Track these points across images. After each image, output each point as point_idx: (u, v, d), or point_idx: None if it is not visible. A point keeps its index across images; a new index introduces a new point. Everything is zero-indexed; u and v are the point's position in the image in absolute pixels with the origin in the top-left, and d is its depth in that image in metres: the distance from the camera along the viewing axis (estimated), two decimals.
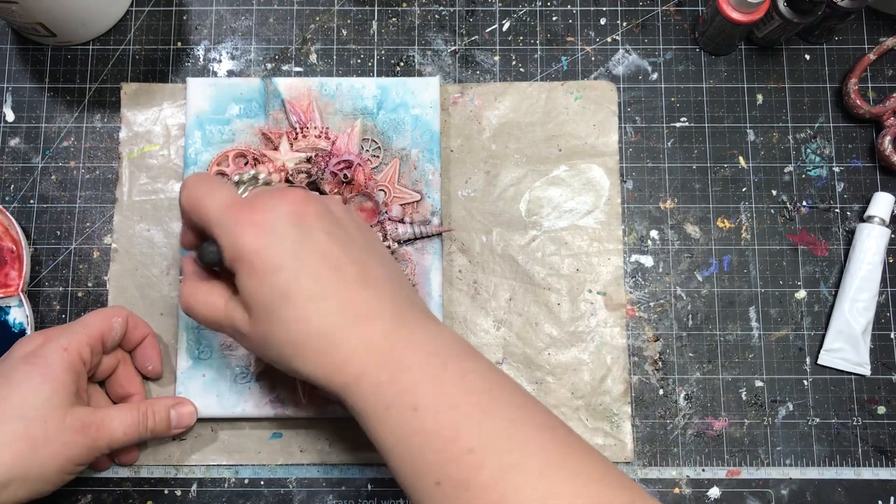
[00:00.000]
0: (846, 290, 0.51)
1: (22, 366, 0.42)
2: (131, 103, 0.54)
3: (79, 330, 0.44)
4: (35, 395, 0.41)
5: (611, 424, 0.50)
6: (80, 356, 0.43)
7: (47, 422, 0.41)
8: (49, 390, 0.41)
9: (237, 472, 0.50)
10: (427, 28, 0.55)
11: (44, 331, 0.44)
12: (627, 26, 0.55)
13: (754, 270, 0.52)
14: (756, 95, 0.55)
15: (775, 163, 0.54)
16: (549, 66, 0.55)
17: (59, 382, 0.42)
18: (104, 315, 0.46)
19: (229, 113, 0.52)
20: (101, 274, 0.52)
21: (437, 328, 0.39)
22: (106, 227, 0.53)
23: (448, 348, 0.37)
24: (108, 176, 0.53)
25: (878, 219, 0.51)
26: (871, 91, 0.55)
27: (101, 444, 0.43)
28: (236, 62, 0.55)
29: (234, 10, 0.56)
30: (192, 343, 0.49)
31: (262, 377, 0.49)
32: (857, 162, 0.54)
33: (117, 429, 0.44)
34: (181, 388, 0.49)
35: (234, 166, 0.51)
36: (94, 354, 0.45)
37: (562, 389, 0.50)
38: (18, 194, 0.53)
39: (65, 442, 0.41)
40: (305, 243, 0.37)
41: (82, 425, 0.42)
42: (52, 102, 0.54)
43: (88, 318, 0.46)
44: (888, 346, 0.52)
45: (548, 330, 0.51)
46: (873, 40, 0.55)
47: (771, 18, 0.51)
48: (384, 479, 0.50)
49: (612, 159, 0.53)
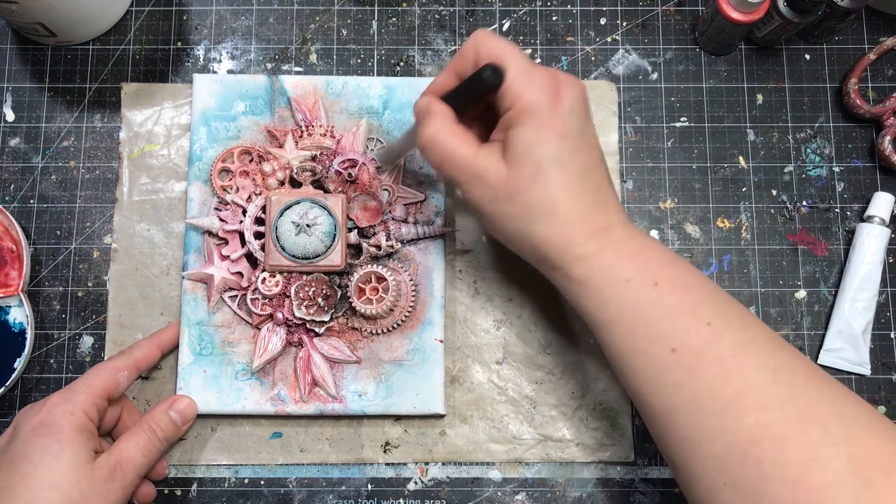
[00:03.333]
0: (846, 290, 0.51)
1: (35, 439, 0.42)
2: (131, 103, 0.54)
3: (81, 390, 0.44)
4: (59, 463, 0.41)
5: (611, 424, 0.50)
6: (88, 416, 0.43)
7: (79, 482, 0.41)
8: (70, 454, 0.41)
9: (237, 471, 0.50)
10: (427, 28, 0.55)
11: (44, 399, 0.44)
12: (627, 26, 0.55)
13: (754, 270, 0.52)
14: (756, 95, 0.55)
15: (775, 163, 0.54)
16: (549, 66, 0.55)
17: (76, 444, 0.42)
18: (108, 370, 0.46)
19: (235, 110, 0.52)
20: (101, 274, 0.52)
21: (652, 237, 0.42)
22: (106, 227, 0.53)
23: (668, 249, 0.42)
24: (108, 176, 0.53)
25: (878, 219, 0.51)
26: (871, 91, 0.55)
27: (130, 478, 0.43)
28: (236, 62, 0.55)
29: (234, 10, 0.56)
30: (193, 339, 0.49)
31: (262, 374, 0.49)
32: (857, 162, 0.54)
33: (136, 456, 0.44)
34: (182, 384, 0.49)
35: (239, 163, 0.51)
36: (100, 411, 0.45)
37: (562, 389, 0.50)
38: (18, 194, 0.53)
39: (101, 494, 0.42)
40: (584, 130, 0.40)
41: (109, 472, 0.42)
42: (52, 102, 0.54)
43: (91, 377, 0.45)
44: (888, 345, 0.52)
45: (548, 330, 0.51)
46: (873, 40, 0.55)
47: (771, 18, 0.51)
48: (384, 478, 0.50)
49: (612, 159, 0.53)
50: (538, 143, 0.39)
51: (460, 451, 0.50)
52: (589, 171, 0.40)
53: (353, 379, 0.49)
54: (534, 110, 0.39)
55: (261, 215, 0.50)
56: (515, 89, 0.39)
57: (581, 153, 0.40)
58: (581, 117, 0.40)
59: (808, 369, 0.36)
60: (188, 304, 0.50)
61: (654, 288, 0.38)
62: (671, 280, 0.38)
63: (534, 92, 0.39)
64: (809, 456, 0.33)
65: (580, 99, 0.40)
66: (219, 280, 0.49)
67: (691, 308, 0.38)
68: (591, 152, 0.41)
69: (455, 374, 0.50)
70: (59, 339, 0.51)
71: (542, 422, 0.50)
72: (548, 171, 0.39)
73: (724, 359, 0.36)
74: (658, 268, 0.39)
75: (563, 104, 0.39)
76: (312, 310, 0.49)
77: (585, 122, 0.41)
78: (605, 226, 0.40)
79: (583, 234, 0.39)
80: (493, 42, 0.40)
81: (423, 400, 0.49)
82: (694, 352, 0.36)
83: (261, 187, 0.51)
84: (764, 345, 0.37)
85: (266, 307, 0.49)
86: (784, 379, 0.35)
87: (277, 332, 0.49)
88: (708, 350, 0.36)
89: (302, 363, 0.49)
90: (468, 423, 0.50)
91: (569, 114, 0.39)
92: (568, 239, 0.39)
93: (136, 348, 0.48)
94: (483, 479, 0.50)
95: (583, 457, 0.49)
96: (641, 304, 0.38)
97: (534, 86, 0.39)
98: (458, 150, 0.41)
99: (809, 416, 0.34)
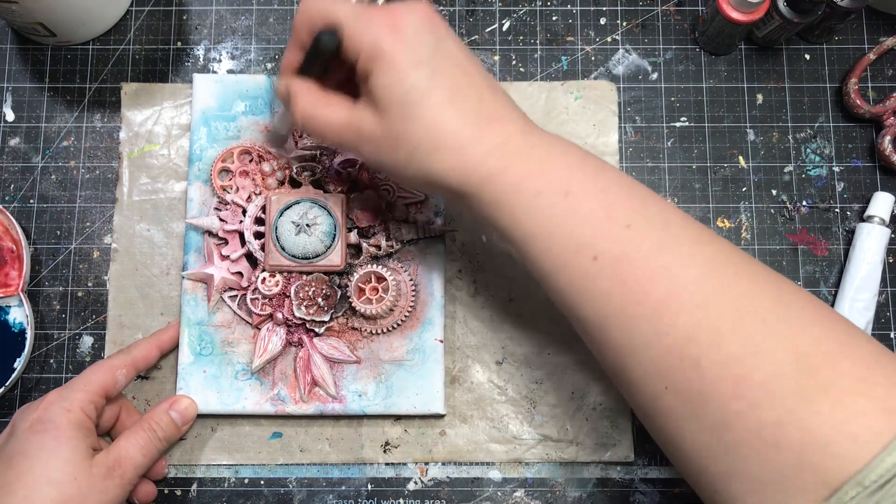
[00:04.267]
0: (846, 290, 0.51)
1: (32, 436, 0.42)
2: (131, 103, 0.54)
3: (79, 388, 0.44)
4: (56, 460, 0.41)
5: (611, 424, 0.50)
6: (85, 413, 0.43)
7: (77, 479, 0.41)
8: (67, 450, 0.41)
9: (237, 471, 0.50)
10: None
11: (42, 398, 0.44)
12: (627, 26, 0.56)
13: None
14: (756, 95, 0.55)
15: (775, 163, 0.54)
16: (549, 66, 0.55)
17: (74, 440, 0.42)
18: (107, 368, 0.46)
19: (235, 110, 0.52)
20: (101, 274, 0.52)
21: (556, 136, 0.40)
22: (106, 226, 0.53)
23: (577, 148, 0.39)
24: (108, 176, 0.53)
25: (878, 218, 0.52)
26: (871, 91, 0.55)
27: (129, 476, 0.43)
28: (236, 62, 0.55)
29: (234, 10, 0.56)
30: (193, 339, 0.49)
31: (262, 374, 0.49)
32: (857, 162, 0.54)
33: (136, 455, 0.44)
34: (182, 384, 0.49)
35: (239, 163, 0.51)
36: (97, 409, 0.45)
37: (562, 389, 0.50)
38: (18, 194, 0.53)
39: (100, 491, 0.41)
40: (439, 47, 0.38)
41: (107, 469, 0.42)
42: (52, 102, 0.54)
43: (89, 375, 0.45)
44: (888, 345, 0.52)
45: (548, 330, 0.51)
46: (873, 40, 0.55)
47: (771, 18, 0.51)
48: (384, 478, 0.50)
49: (612, 159, 0.53)
50: (393, 82, 0.37)
51: (460, 451, 0.50)
52: (461, 87, 0.38)
53: (353, 379, 0.49)
54: (377, 52, 0.37)
55: (261, 215, 0.50)
56: (354, 41, 0.38)
57: (444, 73, 0.37)
58: (431, 37, 0.38)
59: (740, 260, 0.35)
60: (188, 304, 0.50)
61: (565, 197, 0.36)
62: (583, 186, 0.37)
63: (370, 34, 0.37)
64: (748, 350, 0.32)
65: (423, 19, 0.38)
66: (219, 280, 0.49)
67: (607, 213, 0.36)
68: (457, 67, 0.38)
69: (455, 374, 0.51)
70: (59, 339, 0.51)
71: (542, 422, 0.50)
72: (414, 106, 0.37)
73: (649, 260, 0.35)
74: (568, 174, 0.37)
75: (404, 33, 0.37)
76: (312, 310, 0.49)
77: (441, 40, 0.38)
78: (502, 139, 0.38)
79: (478, 155, 0.37)
80: (320, 4, 0.39)
81: (423, 400, 0.49)
82: (616, 257, 0.35)
83: (261, 187, 0.51)
84: (690, 239, 0.35)
85: (266, 307, 0.49)
86: (715, 273, 0.34)
87: (277, 332, 0.49)
88: (630, 253, 0.35)
89: (302, 363, 0.49)
90: (468, 423, 0.50)
91: (414, 39, 0.37)
92: (464, 165, 0.37)
93: (135, 348, 0.48)
94: (483, 479, 0.50)
95: (583, 457, 0.49)
96: (556, 217, 0.36)
97: (369, 29, 0.38)
98: (332, 118, 0.40)
99: (745, 308, 0.33)
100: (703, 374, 0.32)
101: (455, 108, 0.37)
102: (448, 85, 0.37)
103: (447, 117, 0.37)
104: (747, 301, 0.33)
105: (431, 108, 0.37)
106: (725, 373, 0.32)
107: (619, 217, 0.36)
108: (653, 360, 0.34)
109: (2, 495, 0.40)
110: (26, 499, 0.40)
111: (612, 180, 0.37)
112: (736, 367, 0.32)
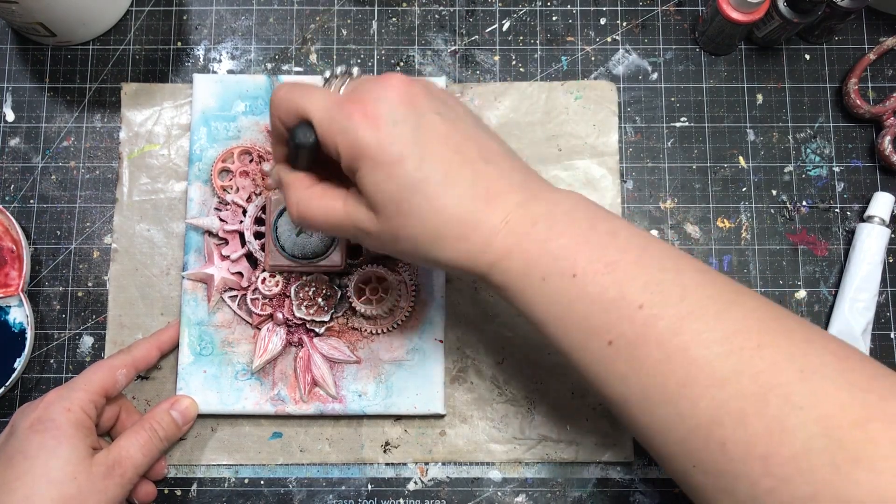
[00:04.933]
0: (846, 290, 0.51)
1: (32, 436, 0.42)
2: (131, 103, 0.54)
3: (78, 387, 0.44)
4: (56, 459, 0.41)
5: (611, 424, 0.50)
6: (85, 413, 0.43)
7: (77, 478, 0.41)
8: (67, 450, 0.41)
9: (237, 471, 0.50)
10: (427, 28, 0.55)
11: (41, 397, 0.44)
12: (627, 26, 0.56)
13: (754, 270, 0.52)
14: (756, 95, 0.55)
15: (775, 163, 0.54)
16: (549, 66, 0.55)
17: (73, 440, 0.42)
18: (106, 368, 0.46)
19: (235, 110, 0.52)
20: (101, 274, 0.52)
21: (565, 193, 0.38)
22: (106, 227, 0.53)
23: (587, 209, 0.37)
24: (108, 176, 0.53)
25: (878, 219, 0.51)
26: (871, 91, 0.55)
27: (129, 475, 0.43)
28: (236, 62, 0.55)
29: (234, 10, 0.56)
30: (193, 339, 0.49)
31: (262, 374, 0.49)
32: (857, 162, 0.54)
33: (136, 455, 0.44)
34: (182, 384, 0.49)
35: (239, 164, 0.51)
36: (97, 408, 0.45)
37: (562, 389, 0.50)
38: (18, 194, 0.53)
39: (99, 490, 0.41)
40: (422, 128, 0.35)
41: (107, 468, 0.42)
42: (52, 102, 0.54)
43: (89, 374, 0.45)
44: (888, 345, 0.52)
45: None
46: (873, 40, 0.55)
47: (771, 18, 0.51)
48: (384, 478, 0.50)
49: (612, 159, 0.53)
50: (382, 180, 0.35)
51: (460, 451, 0.50)
52: (453, 168, 0.35)
53: (353, 379, 0.49)
54: (358, 151, 0.35)
55: (261, 215, 0.50)
56: (330, 139, 0.36)
57: (433, 157, 0.35)
58: (412, 118, 0.35)
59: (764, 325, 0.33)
60: (188, 304, 0.50)
61: (573, 281, 0.35)
62: (590, 264, 0.35)
63: (347, 132, 0.35)
64: (773, 427, 0.31)
65: (399, 100, 0.35)
66: (219, 280, 0.49)
67: (619, 293, 0.34)
68: (446, 145, 0.36)
69: (455, 374, 0.50)
70: (59, 339, 0.51)
71: (542, 422, 0.50)
72: (408, 201, 0.35)
73: (665, 342, 0.33)
74: (574, 251, 0.35)
75: (382, 122, 0.35)
76: (312, 310, 0.49)
77: (422, 117, 0.36)
78: (502, 217, 0.36)
79: (480, 241, 0.36)
80: (289, 98, 0.37)
81: (423, 400, 0.49)
82: (631, 341, 0.34)
83: (261, 187, 0.51)
84: (708, 313, 0.33)
85: (266, 307, 0.49)
86: (735, 347, 0.32)
87: (277, 332, 0.49)
88: (646, 336, 0.33)
89: (302, 363, 0.49)
90: (468, 423, 0.50)
91: (394, 129, 0.35)
92: (468, 253, 0.36)
93: (135, 348, 0.48)
94: (483, 479, 0.50)
95: (583, 457, 0.49)
96: (566, 301, 0.35)
97: (344, 126, 0.35)
98: (328, 214, 0.38)
99: (768, 383, 0.32)
100: (729, 454, 0.32)
101: (450, 195, 0.35)
102: (439, 170, 0.35)
103: (443, 206, 0.35)
104: (770, 376, 0.32)
105: (425, 201, 0.35)
106: (753, 451, 0.31)
107: (632, 295, 0.34)
108: (677, 441, 0.33)
109: (1, 494, 0.40)
110: (26, 498, 0.40)
111: (620, 252, 0.35)
112: (763, 446, 0.31)
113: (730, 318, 0.33)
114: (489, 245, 0.36)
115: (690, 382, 0.33)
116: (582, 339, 0.35)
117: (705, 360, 0.33)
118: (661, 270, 0.35)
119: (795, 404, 0.31)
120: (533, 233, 0.36)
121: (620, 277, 0.34)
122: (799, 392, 0.31)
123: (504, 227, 0.36)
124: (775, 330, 0.33)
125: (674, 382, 0.33)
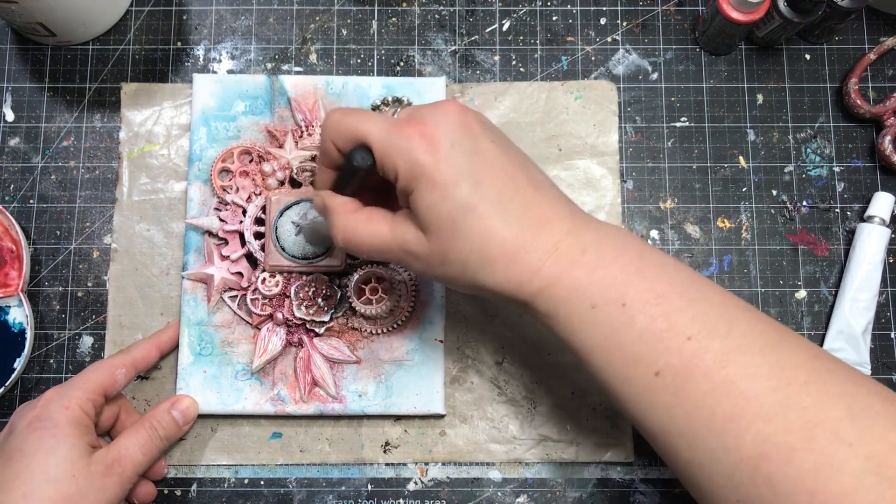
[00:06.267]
0: (846, 290, 0.51)
1: (30, 434, 0.42)
2: (131, 103, 0.54)
3: (77, 386, 0.44)
4: (54, 457, 0.41)
5: (611, 424, 0.50)
6: (83, 411, 0.43)
7: (76, 476, 0.41)
8: (66, 448, 0.41)
9: (237, 472, 0.50)
10: (427, 28, 0.55)
11: (41, 396, 0.44)
12: (627, 26, 0.55)
13: (754, 270, 0.52)
14: (756, 95, 0.55)
15: (775, 163, 0.54)
16: (549, 66, 0.55)
17: (72, 438, 0.42)
18: (106, 367, 0.46)
19: (235, 110, 0.52)
20: (100, 274, 0.52)
21: (609, 224, 0.38)
22: (106, 226, 0.53)
23: (634, 241, 0.38)
24: (108, 176, 0.53)
25: (878, 219, 0.51)
26: (872, 91, 0.55)
27: (128, 474, 0.43)
28: (236, 62, 0.55)
29: (234, 10, 0.56)
30: (193, 339, 0.49)
31: (262, 374, 0.49)
32: (858, 162, 0.54)
33: (136, 454, 0.44)
34: (182, 384, 0.49)
35: (239, 164, 0.51)
36: (96, 407, 0.45)
37: (562, 389, 0.50)
38: (18, 194, 0.53)
39: (98, 489, 0.41)
40: (477, 153, 0.36)
41: (106, 467, 0.42)
42: (52, 102, 0.54)
43: (88, 373, 0.45)
44: (888, 345, 0.52)
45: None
46: (873, 40, 0.55)
47: (771, 18, 0.51)
48: (384, 478, 0.50)
49: (612, 159, 0.53)
50: (437, 200, 0.36)
51: (460, 451, 0.50)
52: (506, 194, 0.36)
53: (353, 379, 0.49)
54: (416, 171, 0.36)
55: (261, 215, 0.50)
56: (389, 160, 0.36)
57: (487, 182, 0.36)
58: (469, 144, 0.36)
59: (809, 363, 0.34)
60: (188, 305, 0.50)
61: (622, 310, 0.35)
62: (639, 294, 0.35)
63: (407, 154, 0.36)
64: (822, 462, 0.31)
65: (456, 125, 0.36)
66: (219, 280, 0.49)
67: (667, 324, 0.34)
68: (500, 171, 0.37)
69: (455, 374, 0.50)
70: (59, 339, 0.51)
71: (542, 422, 0.50)
72: (461, 223, 0.36)
73: (712, 374, 0.33)
74: (624, 281, 0.35)
75: (441, 145, 0.36)
76: (312, 310, 0.49)
77: (478, 142, 0.37)
78: (553, 243, 0.36)
79: (529, 266, 0.36)
80: (345, 122, 0.38)
81: (423, 400, 0.49)
82: (678, 372, 0.34)
83: (261, 187, 0.51)
84: (755, 347, 0.34)
85: (266, 307, 0.49)
86: (783, 382, 0.33)
87: (277, 332, 0.49)
88: (693, 367, 0.34)
89: (302, 363, 0.49)
90: (468, 423, 0.50)
91: (452, 152, 0.36)
92: (518, 277, 0.36)
93: (135, 348, 0.48)
94: (483, 479, 0.50)
95: (583, 457, 0.49)
96: (613, 330, 0.35)
97: (403, 147, 0.36)
98: (375, 238, 0.38)
99: (815, 419, 0.32)
100: (776, 489, 0.32)
101: (502, 219, 0.36)
102: (493, 194, 0.36)
103: (495, 230, 0.36)
104: (818, 410, 0.32)
105: (479, 222, 0.36)
106: (800, 486, 0.31)
107: (680, 327, 0.34)
108: (722, 475, 0.33)
109: (1, 493, 0.40)
110: (25, 496, 0.39)
111: (669, 284, 0.36)
112: (811, 482, 0.31)
113: (775, 354, 0.34)
114: (538, 271, 0.36)
115: (737, 415, 0.33)
116: (627, 369, 0.35)
117: (752, 394, 0.33)
118: (707, 304, 0.35)
119: (844, 440, 0.31)
120: (583, 260, 0.36)
121: (669, 309, 0.35)
122: (847, 429, 0.31)
123: (554, 254, 0.36)
124: (820, 369, 0.33)
125: (720, 415, 0.33)
